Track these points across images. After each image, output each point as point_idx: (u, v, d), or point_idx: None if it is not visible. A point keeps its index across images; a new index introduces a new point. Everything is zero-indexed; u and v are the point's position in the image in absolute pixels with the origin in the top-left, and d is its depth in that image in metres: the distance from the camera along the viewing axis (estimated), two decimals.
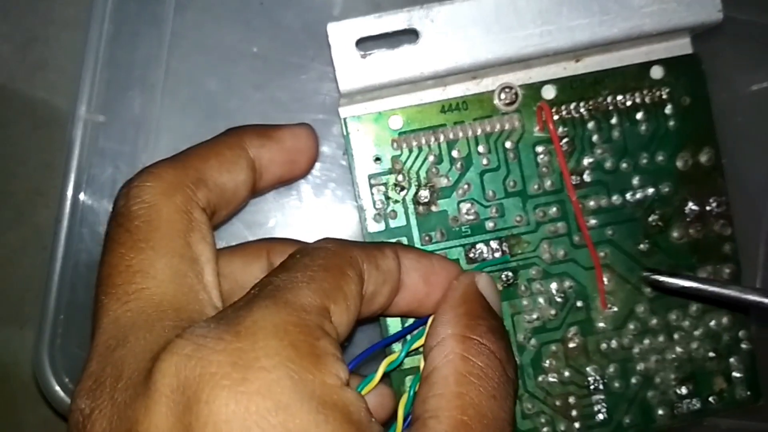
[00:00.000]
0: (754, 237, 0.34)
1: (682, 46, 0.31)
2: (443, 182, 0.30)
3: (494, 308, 0.25)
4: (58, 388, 0.31)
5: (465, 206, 0.30)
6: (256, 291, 0.20)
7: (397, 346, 0.29)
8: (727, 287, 0.27)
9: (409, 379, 0.30)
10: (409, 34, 0.28)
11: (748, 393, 0.32)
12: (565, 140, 0.31)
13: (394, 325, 0.30)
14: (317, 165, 0.33)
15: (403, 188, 0.30)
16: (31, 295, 0.37)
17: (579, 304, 0.31)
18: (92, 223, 0.32)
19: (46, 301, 0.31)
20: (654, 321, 0.31)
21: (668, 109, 0.31)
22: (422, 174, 0.30)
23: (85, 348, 0.33)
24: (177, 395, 0.17)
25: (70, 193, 0.32)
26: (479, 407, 0.21)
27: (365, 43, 0.28)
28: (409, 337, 0.27)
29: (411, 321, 0.28)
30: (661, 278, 0.29)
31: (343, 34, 0.28)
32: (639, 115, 0.31)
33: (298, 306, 0.19)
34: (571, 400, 0.31)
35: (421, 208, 0.30)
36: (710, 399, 0.32)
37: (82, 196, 0.32)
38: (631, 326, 0.31)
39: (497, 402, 0.22)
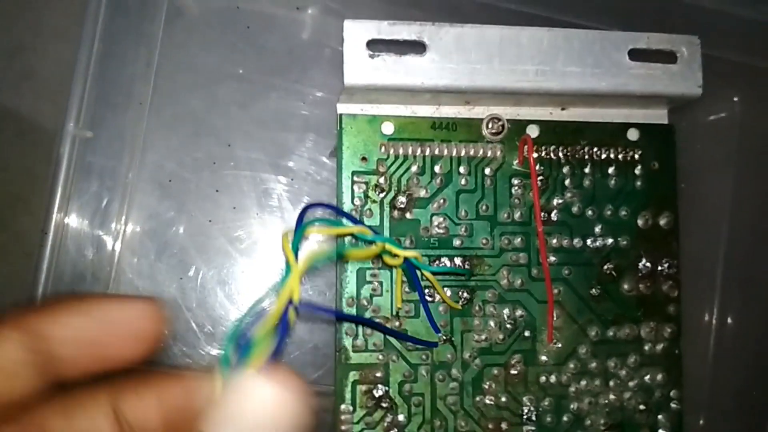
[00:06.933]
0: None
1: (659, 116, 0.34)
2: (421, 193, 0.32)
3: None
4: None
5: (437, 219, 0.32)
6: None
7: None
8: None
9: None
10: (417, 47, 0.30)
11: None
12: (539, 178, 0.33)
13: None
14: (296, 182, 0.35)
15: (383, 190, 0.31)
16: (10, 300, 0.36)
17: (527, 333, 0.32)
18: (77, 237, 0.33)
19: None
20: (593, 364, 0.32)
21: (638, 170, 0.33)
22: (403, 181, 0.32)
23: None
24: None
25: (56, 206, 0.32)
26: None
27: (376, 45, 0.29)
28: None
29: None
30: None
31: (357, 32, 0.29)
32: (611, 170, 0.33)
33: None
34: (503, 426, 0.32)
35: (396, 212, 0.32)
36: None
37: (68, 210, 0.33)
38: (572, 365, 0.32)
39: None
